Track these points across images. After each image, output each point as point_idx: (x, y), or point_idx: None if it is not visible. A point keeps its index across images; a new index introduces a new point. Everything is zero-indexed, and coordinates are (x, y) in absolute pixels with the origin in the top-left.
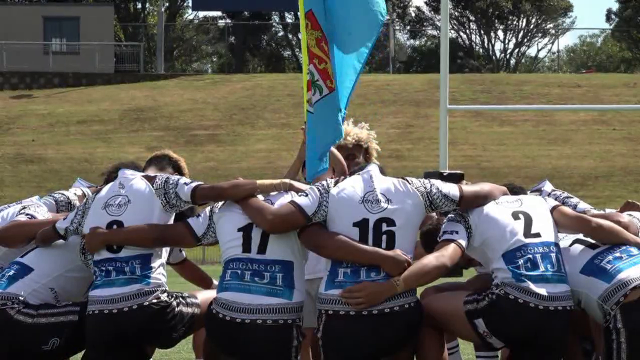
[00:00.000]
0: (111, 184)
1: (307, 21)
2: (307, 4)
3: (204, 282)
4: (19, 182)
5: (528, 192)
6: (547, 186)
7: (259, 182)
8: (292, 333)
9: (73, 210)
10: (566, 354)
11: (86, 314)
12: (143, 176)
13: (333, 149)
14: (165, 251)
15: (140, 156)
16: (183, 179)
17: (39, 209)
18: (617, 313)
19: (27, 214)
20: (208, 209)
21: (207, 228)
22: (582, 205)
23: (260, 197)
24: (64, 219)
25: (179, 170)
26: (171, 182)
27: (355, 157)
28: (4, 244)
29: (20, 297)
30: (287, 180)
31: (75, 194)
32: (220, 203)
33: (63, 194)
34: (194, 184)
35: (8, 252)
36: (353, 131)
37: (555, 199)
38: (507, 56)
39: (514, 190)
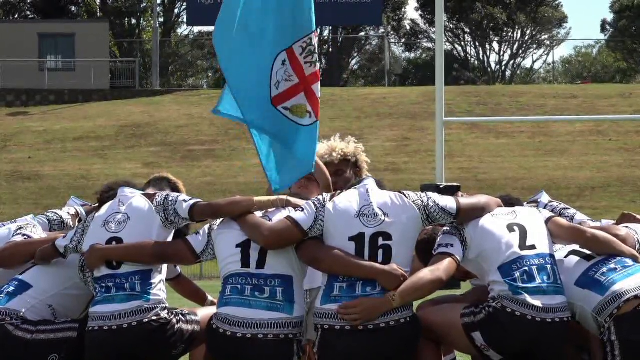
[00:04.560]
0: (111, 202)
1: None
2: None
3: (199, 298)
4: (16, 200)
5: (525, 203)
6: (544, 197)
7: (256, 198)
8: (293, 348)
9: (72, 229)
10: None
11: (86, 330)
12: (143, 194)
13: (319, 162)
14: (165, 267)
15: (137, 172)
16: (182, 196)
17: (35, 229)
18: (611, 325)
19: (23, 235)
20: (207, 226)
21: (206, 245)
22: (580, 216)
23: (258, 213)
24: (64, 237)
25: (177, 192)
26: (170, 199)
27: (344, 172)
28: (2, 265)
29: (19, 313)
30: (283, 197)
31: (68, 212)
32: (219, 220)
33: (56, 213)
34: (192, 201)
35: (5, 271)
36: (339, 147)
37: (552, 211)
38: (503, 68)
39: (510, 202)
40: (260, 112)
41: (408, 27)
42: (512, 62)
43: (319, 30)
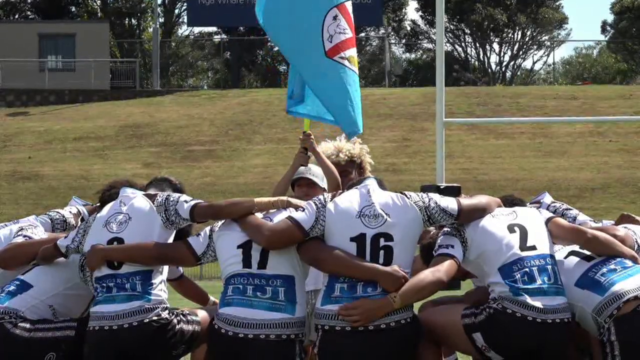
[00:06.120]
0: (112, 203)
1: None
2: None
3: (201, 299)
4: (16, 200)
5: (528, 204)
6: (547, 198)
7: (256, 200)
8: (295, 349)
9: (74, 229)
10: None
11: (87, 330)
12: (144, 194)
13: (329, 162)
14: (166, 268)
15: (137, 172)
16: (183, 197)
17: (36, 230)
18: (611, 326)
19: (24, 236)
20: (208, 228)
21: (207, 247)
22: (582, 217)
23: (259, 215)
24: (66, 237)
25: (178, 193)
26: (172, 199)
27: (349, 173)
28: (4, 267)
29: (19, 312)
30: (284, 198)
31: (70, 212)
32: (220, 222)
33: (58, 213)
34: (193, 202)
35: (6, 272)
36: (345, 147)
37: (555, 211)
38: (503, 69)
39: (513, 202)
40: (316, 67)
41: (408, 28)
42: (512, 63)
43: None
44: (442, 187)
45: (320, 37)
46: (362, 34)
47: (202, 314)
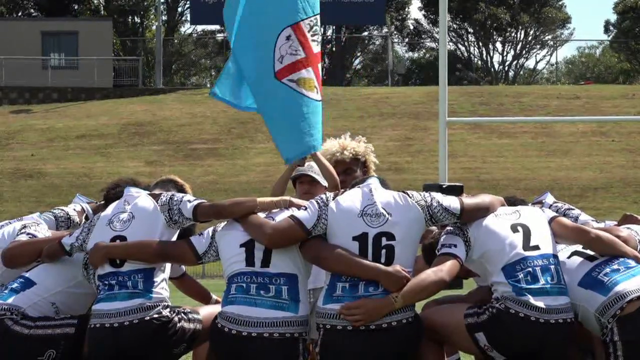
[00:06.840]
0: (117, 202)
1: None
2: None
3: (203, 297)
4: (19, 197)
5: (530, 204)
6: (549, 198)
7: (259, 199)
8: (299, 347)
9: (78, 225)
10: None
11: (88, 327)
12: (148, 194)
13: (327, 163)
14: (168, 266)
15: (139, 170)
16: (187, 197)
17: (39, 227)
18: (614, 326)
19: (27, 233)
20: (211, 228)
21: (209, 247)
22: (584, 217)
23: (261, 214)
24: (70, 235)
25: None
26: (176, 198)
27: (354, 171)
28: (9, 265)
29: (20, 309)
30: (286, 197)
31: (74, 209)
32: (223, 223)
33: (62, 210)
34: (196, 202)
35: (8, 269)
36: (350, 145)
37: (557, 211)
38: (506, 68)
39: (515, 202)
40: (264, 87)
41: (411, 27)
42: (515, 63)
43: (322, 29)
44: (444, 186)
45: (272, 57)
46: (365, 33)
47: (203, 313)
